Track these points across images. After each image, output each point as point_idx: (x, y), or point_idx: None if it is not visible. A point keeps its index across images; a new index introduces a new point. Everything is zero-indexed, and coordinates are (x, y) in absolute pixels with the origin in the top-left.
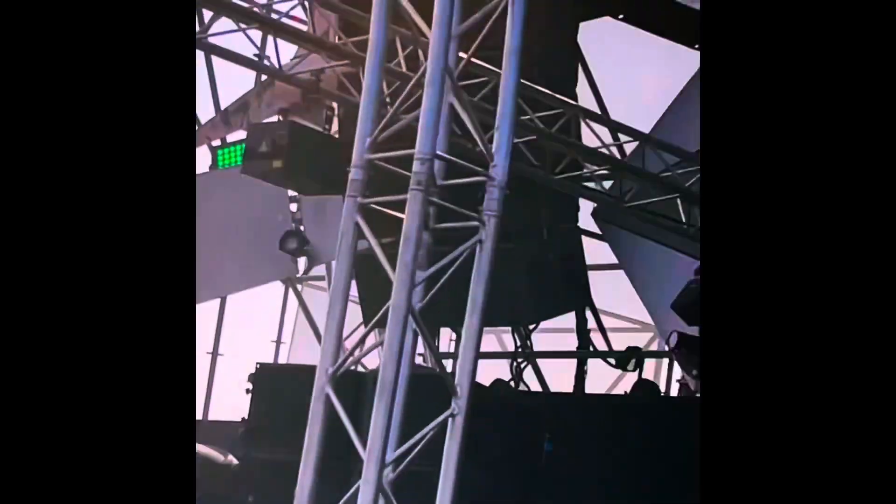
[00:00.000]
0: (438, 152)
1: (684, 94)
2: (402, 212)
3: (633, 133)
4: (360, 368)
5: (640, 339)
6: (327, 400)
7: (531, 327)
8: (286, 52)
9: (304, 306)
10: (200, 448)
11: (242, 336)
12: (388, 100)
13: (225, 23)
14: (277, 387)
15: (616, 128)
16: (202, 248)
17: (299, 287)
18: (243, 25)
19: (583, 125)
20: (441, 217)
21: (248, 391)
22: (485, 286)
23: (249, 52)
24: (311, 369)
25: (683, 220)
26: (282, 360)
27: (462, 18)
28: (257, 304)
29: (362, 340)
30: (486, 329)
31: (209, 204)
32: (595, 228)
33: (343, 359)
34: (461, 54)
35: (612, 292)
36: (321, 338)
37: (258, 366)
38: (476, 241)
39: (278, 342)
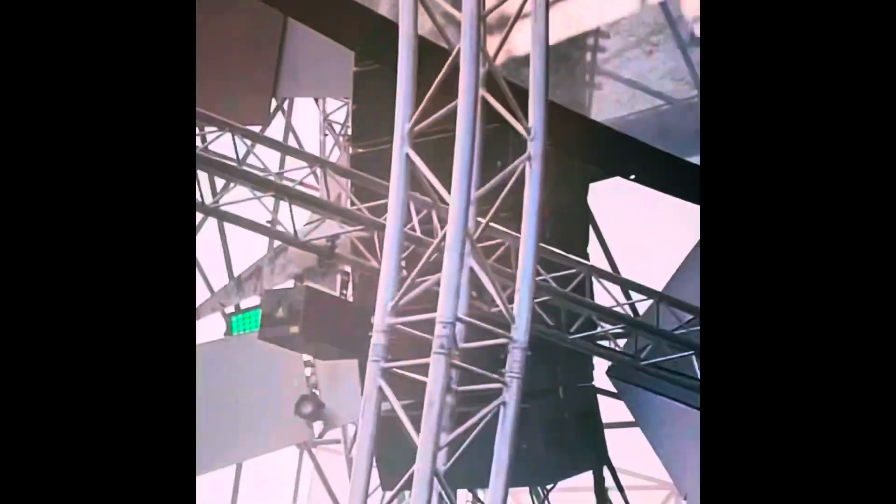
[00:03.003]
0: (460, 315)
1: (695, 251)
2: (425, 375)
3: (646, 291)
4: None
5: (658, 497)
6: None
7: (549, 487)
8: (300, 216)
9: (320, 470)
10: None
11: (259, 502)
12: (403, 263)
13: (239, 190)
14: None
15: (629, 286)
16: (218, 415)
17: (314, 451)
18: (258, 193)
19: (596, 284)
20: (463, 379)
21: None
22: (509, 447)
23: (262, 218)
24: None
25: (698, 377)
26: None
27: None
28: (272, 469)
29: None
30: None
31: (223, 370)
32: (611, 387)
33: None
34: (479, 219)
35: (629, 450)
36: (336, 502)
37: None
38: (500, 403)
39: None
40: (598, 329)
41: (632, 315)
